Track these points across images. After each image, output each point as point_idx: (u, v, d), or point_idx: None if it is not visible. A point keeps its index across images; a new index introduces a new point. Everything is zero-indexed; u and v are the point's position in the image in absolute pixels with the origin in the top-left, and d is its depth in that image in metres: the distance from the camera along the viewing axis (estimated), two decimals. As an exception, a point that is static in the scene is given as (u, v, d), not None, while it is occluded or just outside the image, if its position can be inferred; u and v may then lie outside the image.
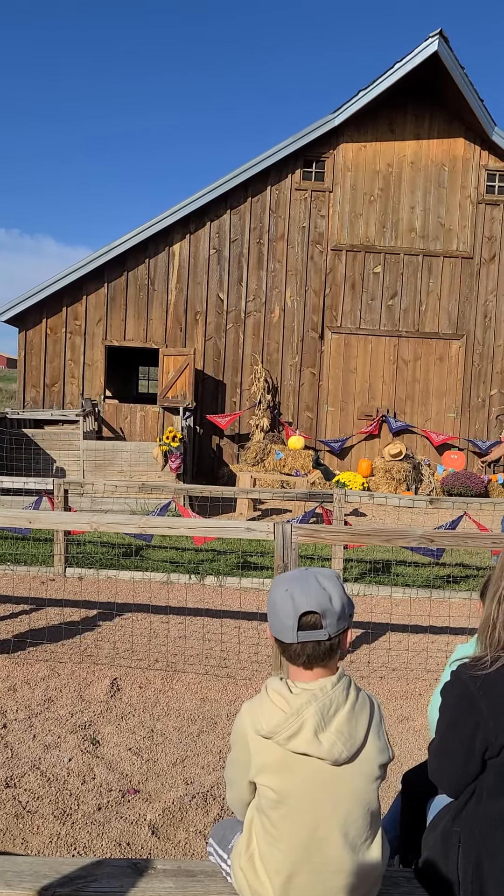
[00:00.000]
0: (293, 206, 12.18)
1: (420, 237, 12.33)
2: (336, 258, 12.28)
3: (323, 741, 1.59)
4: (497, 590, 1.74)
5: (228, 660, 4.55)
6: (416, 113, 12.16)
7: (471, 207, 12.33)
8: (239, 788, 1.73)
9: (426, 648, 4.82)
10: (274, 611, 1.69)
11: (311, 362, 12.34)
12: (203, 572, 6.44)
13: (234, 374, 12.25)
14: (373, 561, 7.14)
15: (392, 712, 3.91)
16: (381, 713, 1.75)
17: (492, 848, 1.65)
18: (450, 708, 1.73)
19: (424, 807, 2.01)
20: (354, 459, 12.35)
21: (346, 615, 1.69)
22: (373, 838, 1.69)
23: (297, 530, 4.28)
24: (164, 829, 2.74)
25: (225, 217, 12.10)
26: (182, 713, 3.78)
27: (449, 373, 12.51)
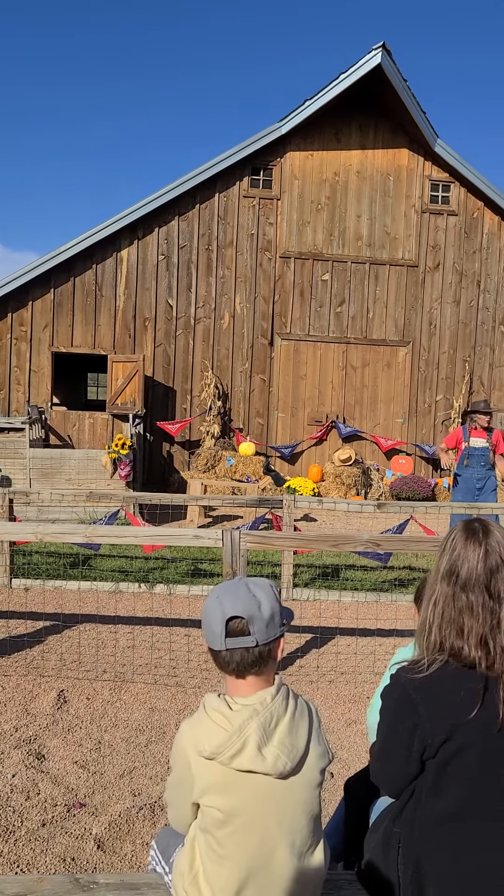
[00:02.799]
0: (242, 213, 12.24)
1: (367, 245, 12.54)
2: (285, 265, 12.39)
3: (267, 756, 1.58)
4: (432, 594, 1.78)
5: (178, 668, 4.52)
6: (361, 123, 12.38)
7: (415, 216, 12.61)
8: (181, 809, 1.71)
9: (374, 651, 4.88)
10: (205, 619, 1.69)
11: (261, 368, 12.41)
12: (153, 580, 6.40)
13: (184, 380, 12.22)
14: (322, 566, 7.21)
15: (340, 716, 3.95)
16: (319, 718, 1.76)
17: (430, 847, 1.69)
18: (389, 711, 1.75)
19: (367, 810, 2.04)
20: (305, 465, 12.46)
21: (275, 623, 1.68)
22: (316, 845, 1.71)
23: (245, 537, 4.29)
24: (110, 842, 2.71)
25: (173, 223, 12.08)
26: (130, 724, 3.75)
27: (396, 379, 12.74)
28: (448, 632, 1.72)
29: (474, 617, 1.69)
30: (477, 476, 7.62)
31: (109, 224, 11.64)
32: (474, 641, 1.67)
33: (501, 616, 1.69)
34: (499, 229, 12.77)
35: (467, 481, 7.66)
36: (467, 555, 1.75)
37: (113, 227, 11.67)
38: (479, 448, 7.63)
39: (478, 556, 1.74)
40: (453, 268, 12.73)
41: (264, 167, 12.26)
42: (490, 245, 12.79)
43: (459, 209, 12.69)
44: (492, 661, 1.65)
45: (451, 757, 1.64)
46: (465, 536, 1.78)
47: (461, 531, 1.80)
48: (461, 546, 1.77)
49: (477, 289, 12.81)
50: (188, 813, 1.70)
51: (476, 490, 7.62)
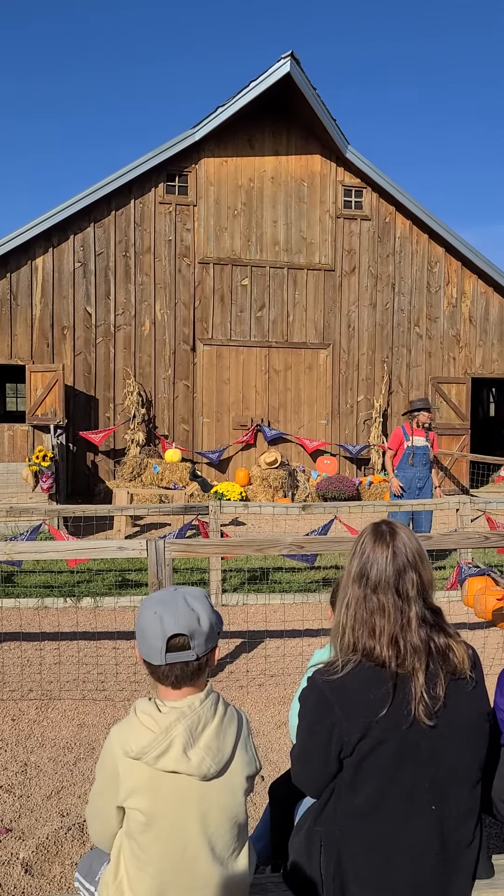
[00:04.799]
0: (158, 219, 12.19)
1: (284, 250, 12.71)
2: (204, 271, 12.41)
3: (192, 757, 1.62)
4: (345, 596, 1.84)
5: (106, 682, 4.47)
6: (273, 130, 12.55)
7: (330, 222, 12.87)
8: (106, 818, 1.71)
9: (302, 652, 4.96)
10: (142, 634, 1.70)
11: (185, 374, 12.39)
12: (79, 594, 6.29)
13: (106, 388, 12.06)
14: (251, 569, 7.26)
15: (270, 719, 3.99)
16: (249, 727, 1.81)
17: (350, 843, 1.74)
18: (308, 713, 1.80)
19: (292, 812, 2.07)
20: (232, 469, 12.51)
21: (214, 634, 1.73)
22: (240, 850, 1.74)
23: (170, 546, 4.28)
24: (38, 865, 2.65)
25: (89, 230, 11.91)
26: (58, 742, 3.68)
27: (318, 381, 12.96)
28: (360, 632, 1.77)
29: (385, 617, 1.75)
30: (419, 475, 7.60)
31: (23, 232, 11.37)
32: (386, 641, 1.73)
33: (411, 615, 1.76)
34: (410, 233, 13.20)
35: (410, 480, 7.61)
36: (376, 557, 1.81)
37: (26, 234, 11.40)
38: (422, 447, 7.60)
39: (386, 558, 1.80)
40: (368, 271, 13.07)
41: (179, 173, 12.26)
42: (402, 248, 13.19)
43: (372, 214, 13.03)
44: (402, 660, 1.72)
45: (366, 754, 1.69)
46: (374, 539, 1.85)
47: (370, 534, 1.87)
48: (370, 549, 1.83)
49: (392, 291, 13.19)
50: (113, 822, 1.70)
51: (416, 489, 7.60)
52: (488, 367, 13.67)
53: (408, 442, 7.66)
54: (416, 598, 1.77)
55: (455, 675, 1.74)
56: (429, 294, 13.33)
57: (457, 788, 1.73)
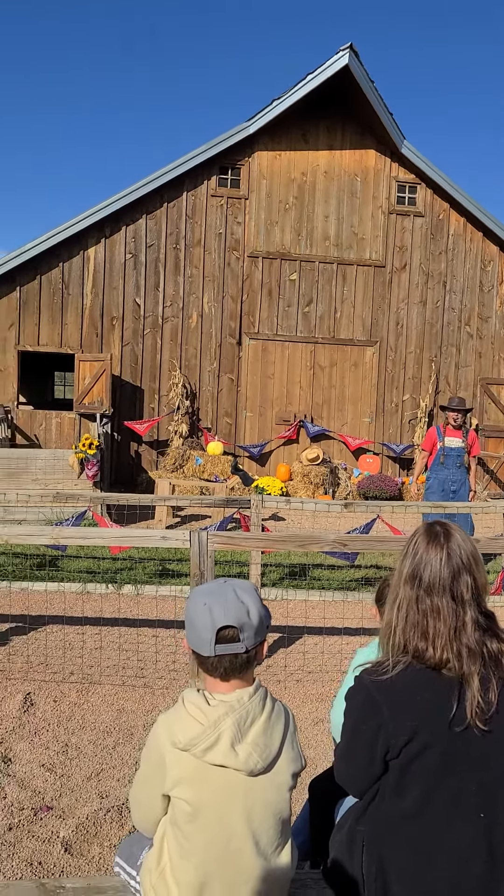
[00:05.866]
0: (209, 212, 12.22)
1: (334, 246, 12.62)
2: (253, 265, 12.41)
3: (239, 752, 1.62)
4: (395, 597, 1.81)
5: (146, 669, 4.52)
6: (328, 124, 12.45)
7: (382, 217, 12.72)
8: (150, 805, 1.73)
9: (341, 650, 4.93)
10: (192, 624, 1.71)
11: (230, 368, 12.41)
12: (120, 581, 6.37)
13: (151, 379, 12.16)
14: (290, 565, 7.25)
15: (307, 715, 3.98)
16: (295, 724, 1.80)
17: (393, 845, 1.72)
18: (354, 712, 1.78)
19: (333, 810, 2.07)
20: (273, 464, 12.50)
21: (263, 628, 1.73)
22: (283, 845, 1.74)
23: (213, 538, 4.30)
24: (77, 845, 2.70)
25: (141, 222, 12.01)
26: (98, 726, 3.74)
27: (363, 378, 12.85)
28: (412, 634, 1.75)
29: (440, 620, 1.73)
30: (452, 478, 7.37)
31: (76, 222, 11.53)
32: (441, 644, 1.71)
33: (466, 619, 1.73)
34: (464, 231, 12.96)
35: (442, 482, 7.41)
36: (430, 558, 1.79)
37: (80, 224, 11.56)
38: (455, 448, 7.38)
39: (440, 560, 1.78)
40: (420, 268, 12.89)
41: (232, 166, 12.26)
42: (455, 246, 12.97)
43: (426, 210, 12.84)
44: (458, 663, 1.69)
45: (413, 757, 1.67)
46: (427, 540, 1.82)
47: (423, 535, 1.84)
48: (423, 550, 1.81)
49: (443, 289, 12.98)
50: (157, 808, 1.71)
51: (451, 492, 7.37)
52: (539, 370, 13.36)
53: (441, 443, 7.48)
54: (471, 602, 1.74)
55: (507, 682, 1.71)
56: (481, 293, 13.08)
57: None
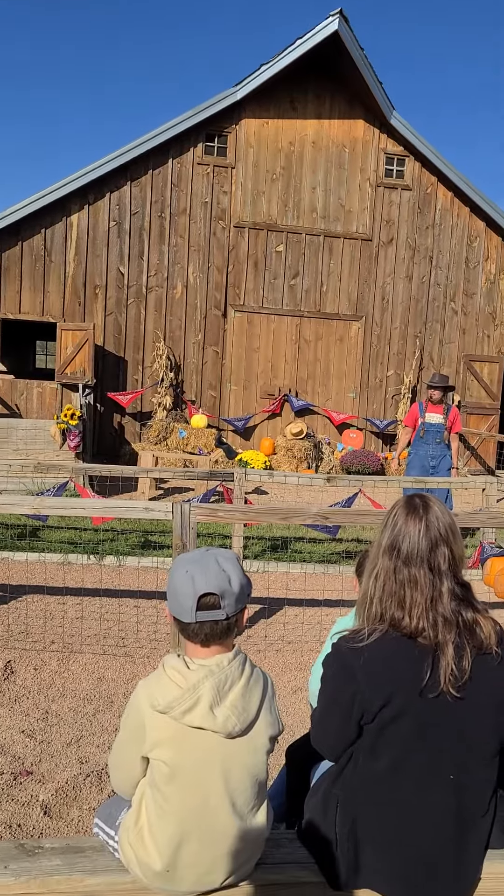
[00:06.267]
0: (195, 180, 12.04)
1: (321, 218, 12.51)
2: (239, 235, 12.28)
3: (218, 715, 1.65)
4: (373, 567, 1.84)
5: (127, 639, 4.55)
6: (317, 92, 12.25)
7: (370, 190, 12.61)
8: (129, 767, 1.76)
9: (320, 621, 4.99)
10: (174, 591, 1.73)
11: (214, 340, 12.34)
12: (102, 552, 6.38)
13: (135, 350, 12.06)
14: (272, 538, 7.30)
15: (287, 684, 4.04)
16: (273, 689, 1.84)
17: (366, 806, 1.77)
18: (330, 679, 1.82)
19: (309, 775, 2.11)
20: (257, 438, 12.51)
21: (244, 596, 1.75)
22: (259, 806, 1.78)
23: (195, 510, 4.31)
24: (56, 808, 2.74)
25: (125, 189, 11.81)
26: (78, 694, 3.77)
27: (348, 353, 12.84)
28: (389, 603, 1.78)
29: (417, 590, 1.76)
30: (432, 453, 7.44)
31: (59, 187, 11.31)
32: (416, 613, 1.74)
33: (442, 589, 1.76)
34: (451, 205, 12.89)
35: (422, 458, 7.49)
36: (408, 530, 1.81)
37: (63, 190, 11.34)
38: (435, 424, 7.44)
39: (419, 532, 1.80)
40: (406, 243, 12.82)
41: (219, 134, 12.05)
42: (442, 221, 12.90)
43: (413, 184, 12.74)
44: (432, 632, 1.72)
45: (388, 722, 1.71)
46: (407, 512, 1.84)
47: (402, 507, 1.86)
48: (402, 522, 1.83)
49: (429, 265, 12.94)
50: (136, 770, 1.75)
51: (430, 468, 7.44)
52: (523, 347, 13.42)
53: (422, 418, 7.53)
54: (448, 573, 1.77)
55: (481, 650, 1.75)
56: (467, 269, 13.06)
57: (475, 760, 1.74)
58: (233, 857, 1.72)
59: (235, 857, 1.72)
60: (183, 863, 1.70)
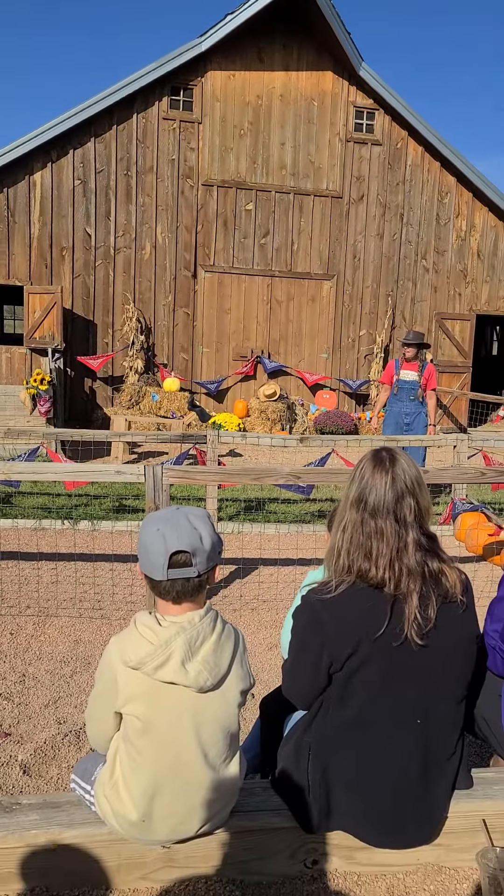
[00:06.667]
0: (161, 136, 11.73)
1: (291, 175, 12.30)
2: (207, 194, 12.04)
3: (189, 670, 1.68)
4: (341, 520, 1.85)
5: (102, 602, 4.57)
6: (284, 42, 11.92)
7: (340, 145, 12.40)
8: (103, 722, 1.79)
9: (295, 580, 5.05)
10: (145, 549, 1.73)
11: (185, 302, 12.18)
12: (77, 517, 6.36)
13: (105, 313, 11.87)
14: (246, 500, 7.33)
15: (262, 641, 4.10)
16: (245, 644, 1.86)
17: (337, 753, 1.81)
18: (300, 630, 1.84)
19: (281, 726, 2.15)
20: (230, 401, 12.46)
21: (215, 553, 1.76)
22: (232, 757, 1.82)
23: (168, 472, 4.29)
24: (35, 767, 2.77)
25: (89, 145, 11.46)
26: (55, 656, 3.79)
27: (321, 313, 12.77)
28: (356, 555, 1.80)
29: (383, 541, 1.78)
30: (406, 410, 7.47)
31: (20, 144, 10.93)
32: (383, 563, 1.76)
33: (408, 540, 1.78)
34: (422, 161, 12.74)
35: (396, 415, 7.52)
36: (375, 483, 1.82)
37: (24, 147, 10.97)
38: (409, 381, 7.46)
39: (385, 484, 1.81)
40: (377, 200, 12.69)
41: (184, 87, 11.71)
42: (413, 177, 12.77)
43: (384, 138, 12.55)
44: (398, 582, 1.75)
45: (356, 670, 1.74)
46: (373, 465, 1.85)
47: (369, 460, 1.87)
48: (369, 475, 1.84)
49: (400, 222, 12.84)
50: (110, 725, 1.77)
51: (405, 425, 7.48)
52: (494, 305, 13.45)
53: (397, 376, 7.55)
54: (413, 524, 1.79)
55: (446, 599, 1.78)
56: (438, 226, 12.99)
57: (442, 704, 1.79)
58: (206, 807, 1.76)
59: (209, 807, 1.76)
60: (158, 813, 1.74)
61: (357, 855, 1.89)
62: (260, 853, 1.87)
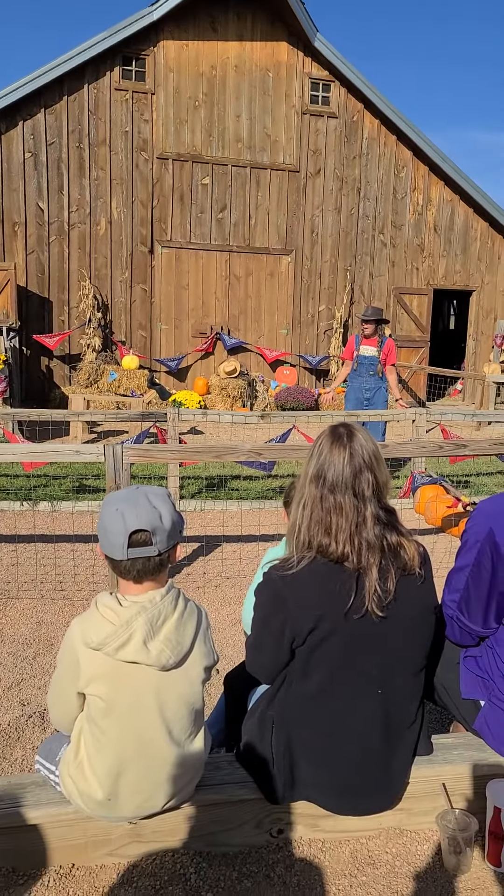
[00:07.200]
0: (114, 107, 11.45)
1: (247, 148, 12.14)
2: (163, 167, 11.82)
3: (151, 649, 1.68)
4: (301, 497, 1.86)
5: (65, 583, 4.53)
6: (238, 11, 11.70)
7: (296, 118, 12.28)
8: (66, 703, 1.78)
9: (258, 556, 5.08)
10: (104, 530, 1.72)
11: (142, 278, 12.00)
12: (36, 498, 6.27)
13: (60, 290, 11.63)
14: (208, 478, 7.32)
15: (226, 617, 4.13)
16: (208, 621, 1.86)
17: (300, 724, 1.84)
18: (262, 606, 1.85)
19: (245, 700, 2.17)
20: (191, 378, 12.38)
21: (175, 532, 1.76)
22: (196, 733, 1.84)
23: (128, 451, 4.25)
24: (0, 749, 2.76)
25: (39, 117, 11.13)
26: (17, 638, 3.75)
27: (280, 289, 12.72)
28: (316, 531, 1.81)
29: (342, 516, 1.79)
30: (366, 386, 7.52)
31: (-33, 115, 10.56)
32: (343, 538, 1.77)
33: (367, 514, 1.80)
34: (378, 134, 12.71)
35: (356, 391, 7.57)
36: (333, 459, 1.83)
37: (-29, 118, 10.60)
38: (368, 357, 7.53)
39: (343, 460, 1.82)
40: (334, 174, 12.63)
41: (136, 56, 11.42)
42: (370, 150, 12.73)
43: (340, 111, 12.46)
44: (357, 556, 1.77)
45: (317, 644, 1.77)
46: (332, 441, 1.86)
47: (327, 436, 1.87)
48: (327, 450, 1.85)
49: (357, 196, 12.81)
50: (73, 706, 1.77)
51: (364, 400, 7.54)
52: (450, 279, 13.58)
53: (357, 351, 7.61)
54: (372, 498, 1.81)
55: (405, 571, 1.81)
56: (395, 200, 13.01)
57: (402, 674, 1.83)
58: (172, 783, 1.77)
59: (175, 782, 1.78)
60: (123, 791, 1.74)
61: (321, 822, 1.93)
62: (226, 825, 1.90)
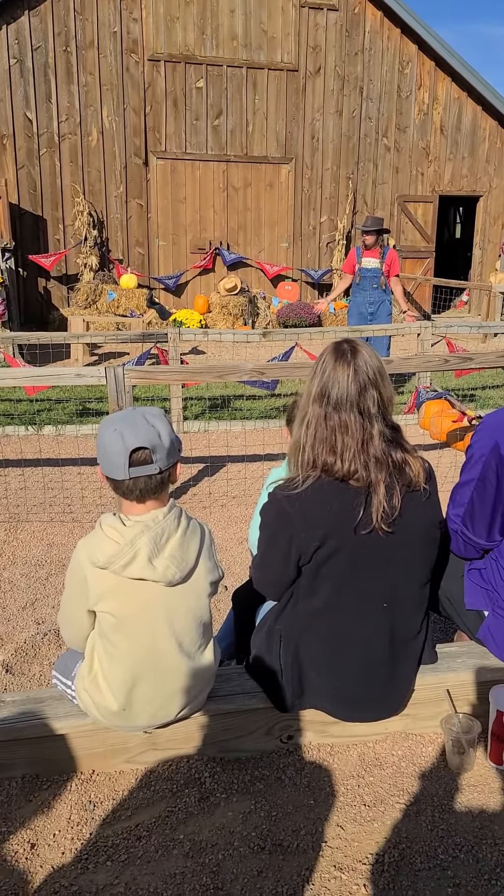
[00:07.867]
0: (101, 6, 10.72)
1: (242, 46, 11.45)
2: (154, 70, 11.19)
3: (157, 566, 1.71)
4: (305, 415, 1.84)
5: (73, 505, 4.59)
6: None
7: (293, 12, 11.50)
8: (77, 622, 1.83)
9: (262, 475, 5.10)
10: (104, 451, 1.72)
11: (138, 192, 11.58)
12: (40, 423, 6.28)
13: (54, 208, 11.25)
14: (211, 398, 7.29)
15: (232, 536, 4.19)
16: (212, 538, 1.89)
17: (307, 637, 1.89)
18: (268, 526, 1.87)
19: (254, 615, 2.23)
20: (190, 296, 12.13)
21: (174, 450, 1.76)
22: (206, 645, 1.89)
23: (129, 373, 4.21)
24: (17, 665, 2.86)
25: (23, 20, 10.45)
26: (29, 560, 3.83)
27: (279, 200, 12.28)
28: (321, 450, 1.80)
29: (348, 434, 1.77)
30: (369, 300, 7.33)
31: None
32: (348, 456, 1.76)
33: (373, 432, 1.78)
34: (381, 27, 11.92)
35: (359, 305, 7.39)
36: (337, 376, 1.79)
37: None
38: (371, 269, 7.28)
39: (347, 377, 1.79)
40: (335, 72, 11.94)
41: None
42: (372, 45, 11.99)
43: (340, 3, 11.65)
44: (363, 474, 1.76)
45: (324, 561, 1.79)
46: (335, 358, 1.82)
47: (330, 353, 1.83)
48: (331, 368, 1.81)
49: (360, 96, 12.16)
50: (84, 624, 1.82)
51: (368, 314, 7.36)
52: (457, 185, 13.05)
53: (358, 264, 7.37)
54: (377, 415, 1.78)
55: (410, 488, 1.81)
56: (399, 99, 12.34)
57: (407, 588, 1.86)
58: (184, 693, 1.84)
59: (187, 693, 1.85)
60: (137, 701, 1.81)
61: (330, 728, 2.01)
62: (237, 732, 1.98)
